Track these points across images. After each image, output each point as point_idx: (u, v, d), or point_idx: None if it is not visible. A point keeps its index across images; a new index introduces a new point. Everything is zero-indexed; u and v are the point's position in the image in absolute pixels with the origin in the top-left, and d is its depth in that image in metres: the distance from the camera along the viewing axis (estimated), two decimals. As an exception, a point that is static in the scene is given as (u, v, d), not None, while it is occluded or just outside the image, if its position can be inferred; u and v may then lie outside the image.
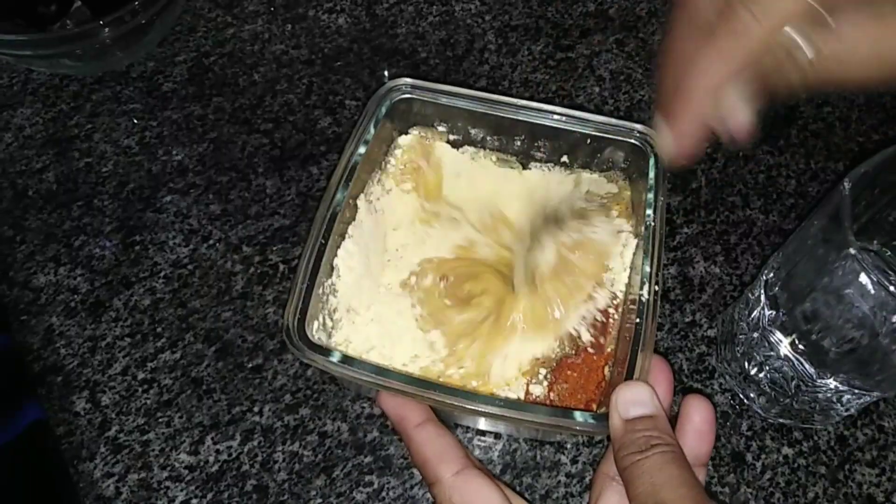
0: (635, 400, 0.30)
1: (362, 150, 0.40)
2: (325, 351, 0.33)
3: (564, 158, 0.44)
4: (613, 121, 0.41)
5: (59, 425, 0.43)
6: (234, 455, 0.42)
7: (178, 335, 0.47)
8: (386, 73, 0.60)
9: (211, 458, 0.42)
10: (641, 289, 0.35)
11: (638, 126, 0.41)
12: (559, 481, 0.42)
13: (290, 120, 0.57)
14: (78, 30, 0.53)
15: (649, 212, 0.38)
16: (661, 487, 0.26)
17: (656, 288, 0.35)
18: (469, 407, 0.32)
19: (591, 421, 0.31)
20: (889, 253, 0.39)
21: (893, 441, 0.43)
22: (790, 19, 0.25)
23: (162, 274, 0.49)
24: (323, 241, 0.37)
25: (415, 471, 0.42)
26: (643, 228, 0.38)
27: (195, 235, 0.51)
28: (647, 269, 0.36)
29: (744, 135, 0.29)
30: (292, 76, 0.59)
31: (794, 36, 0.25)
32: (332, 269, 0.38)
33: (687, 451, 0.31)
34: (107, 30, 0.52)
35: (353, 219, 0.40)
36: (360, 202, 0.41)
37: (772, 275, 0.40)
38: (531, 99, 0.58)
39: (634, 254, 0.40)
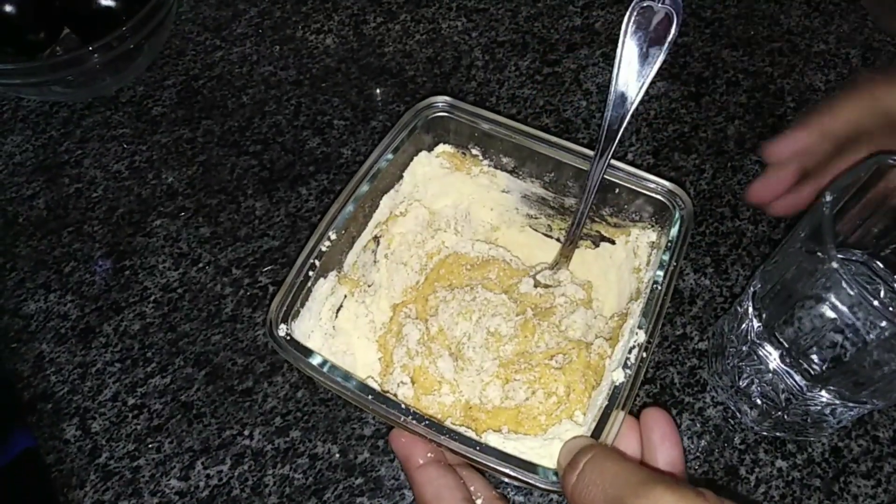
0: (575, 446, 0.30)
1: (390, 156, 0.40)
2: (306, 350, 0.33)
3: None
4: (643, 174, 0.40)
5: (49, 453, 0.43)
6: (224, 479, 0.42)
7: (167, 360, 0.47)
8: (378, 90, 0.60)
9: (201, 484, 0.42)
10: (630, 352, 0.34)
11: (667, 183, 0.39)
12: (552, 499, 0.42)
13: (279, 141, 0.57)
14: (68, 56, 0.53)
15: (660, 272, 0.36)
16: (607, 486, 0.26)
17: (644, 355, 0.34)
18: (419, 431, 0.32)
19: (553, 478, 0.31)
20: (876, 262, 0.39)
21: (889, 452, 0.43)
22: None
23: (152, 298, 0.49)
24: (328, 241, 0.37)
25: (406, 492, 0.42)
26: (648, 289, 0.36)
27: (185, 259, 0.51)
28: (642, 335, 0.34)
29: None
30: (280, 97, 0.60)
31: None
32: (338, 269, 0.39)
33: (662, 460, 0.32)
34: (96, 56, 0.53)
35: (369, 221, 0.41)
36: (382, 204, 0.42)
37: (759, 286, 0.40)
38: (518, 114, 0.59)
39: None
